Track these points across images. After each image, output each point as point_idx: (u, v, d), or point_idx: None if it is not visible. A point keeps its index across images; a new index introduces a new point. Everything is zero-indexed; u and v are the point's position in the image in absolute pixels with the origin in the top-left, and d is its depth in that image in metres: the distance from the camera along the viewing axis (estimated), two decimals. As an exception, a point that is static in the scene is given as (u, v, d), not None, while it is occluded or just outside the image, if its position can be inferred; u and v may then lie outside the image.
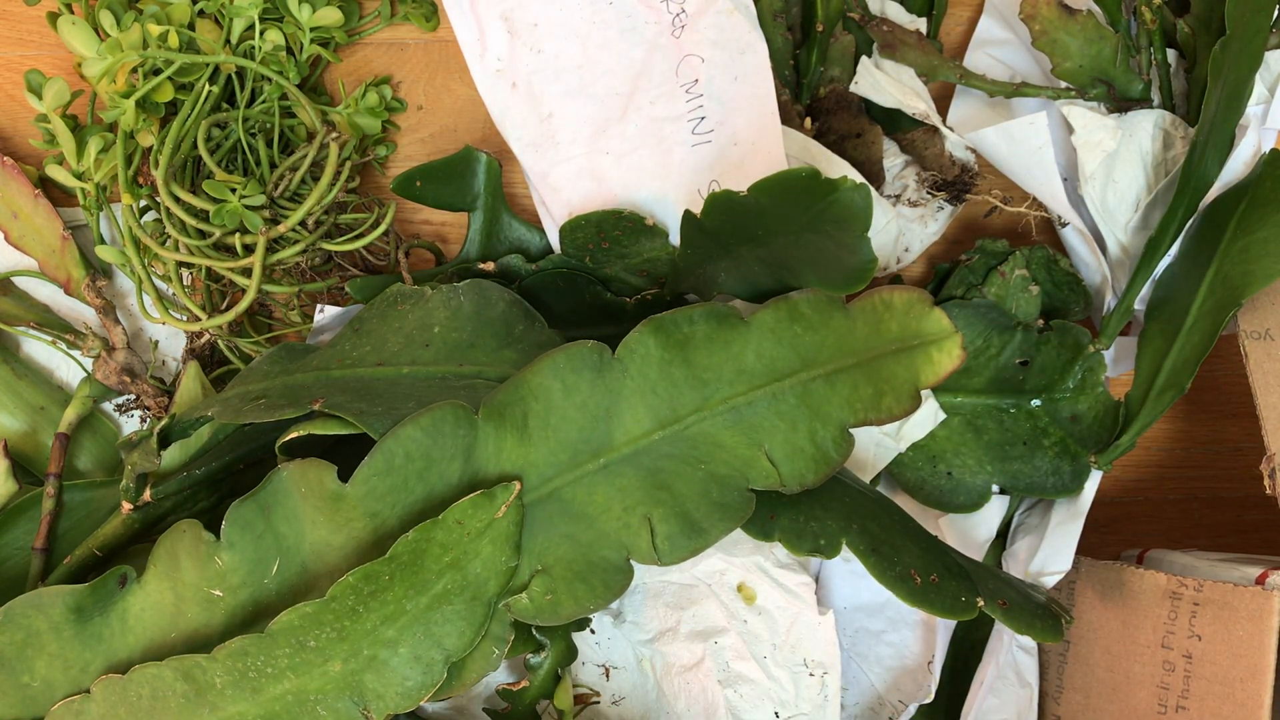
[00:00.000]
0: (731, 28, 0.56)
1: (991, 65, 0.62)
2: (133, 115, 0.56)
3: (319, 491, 0.47)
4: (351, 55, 0.63)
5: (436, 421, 0.47)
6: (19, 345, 0.63)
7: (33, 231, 0.60)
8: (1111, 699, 0.56)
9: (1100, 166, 0.58)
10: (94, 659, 0.49)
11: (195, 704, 0.46)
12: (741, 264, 0.54)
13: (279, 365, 0.53)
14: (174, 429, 0.52)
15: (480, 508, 0.46)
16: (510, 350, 0.53)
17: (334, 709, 0.46)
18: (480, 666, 0.48)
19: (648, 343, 0.49)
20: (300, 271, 0.59)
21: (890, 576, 0.49)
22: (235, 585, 0.48)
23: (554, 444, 0.48)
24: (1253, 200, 0.56)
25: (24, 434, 0.60)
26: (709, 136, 0.57)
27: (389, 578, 0.45)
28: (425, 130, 0.64)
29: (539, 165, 0.58)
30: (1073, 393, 0.59)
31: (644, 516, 0.48)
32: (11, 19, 0.62)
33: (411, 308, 0.53)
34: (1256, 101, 0.57)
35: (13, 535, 0.55)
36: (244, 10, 0.57)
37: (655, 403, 0.49)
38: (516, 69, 0.57)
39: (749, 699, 0.57)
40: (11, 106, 0.63)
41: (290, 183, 0.57)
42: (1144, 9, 0.58)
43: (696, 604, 0.58)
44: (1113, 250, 0.60)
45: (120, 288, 0.63)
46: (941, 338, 0.51)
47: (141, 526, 0.53)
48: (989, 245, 0.62)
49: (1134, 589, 0.55)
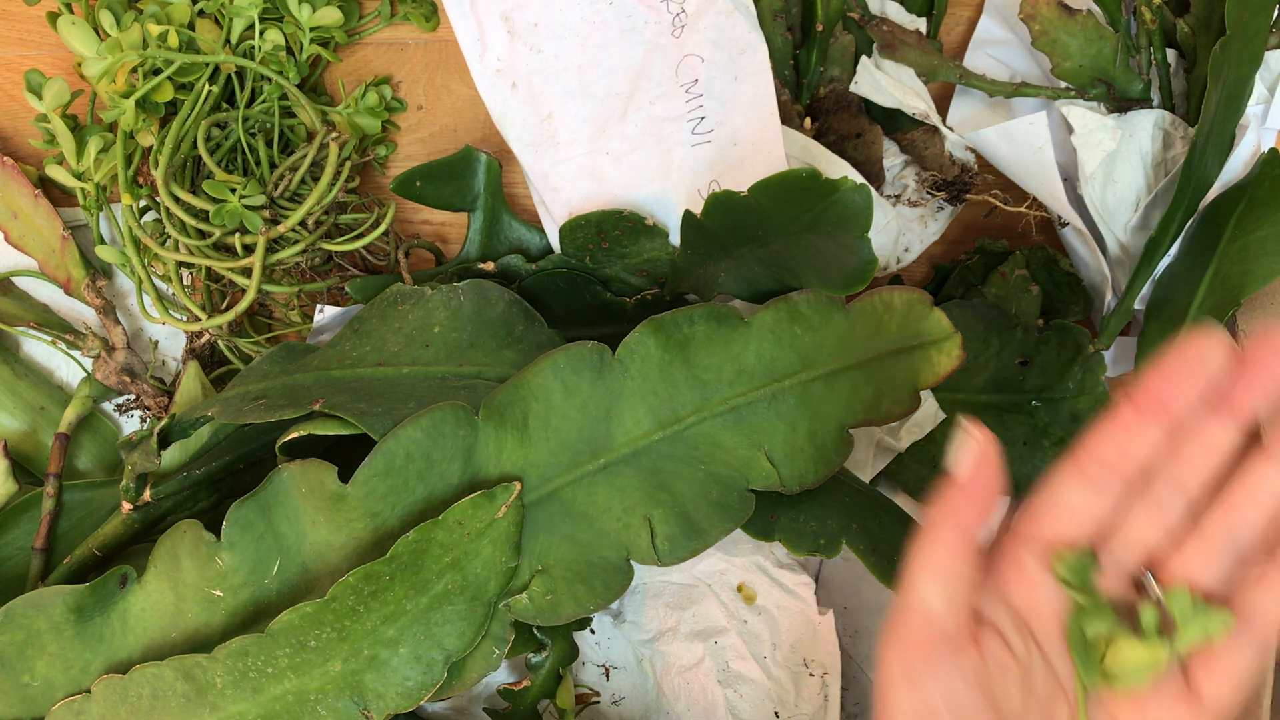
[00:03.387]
0: (731, 28, 0.56)
1: (991, 65, 0.62)
2: (133, 115, 0.56)
3: (319, 492, 0.47)
4: (351, 55, 0.63)
5: (437, 422, 0.47)
6: (19, 345, 0.63)
7: (33, 231, 0.60)
8: (1111, 699, 0.56)
9: (1100, 166, 0.58)
10: (94, 659, 0.49)
11: (196, 704, 0.46)
12: (741, 264, 0.54)
13: (279, 365, 0.53)
14: (174, 429, 0.52)
15: (480, 508, 0.46)
16: (510, 350, 0.53)
17: (334, 709, 0.46)
18: (480, 666, 0.48)
19: (648, 343, 0.49)
20: (300, 271, 0.59)
21: (890, 576, 0.49)
22: (236, 585, 0.48)
23: (554, 444, 0.48)
24: (1252, 200, 0.56)
25: (24, 434, 0.60)
26: (709, 136, 0.57)
27: (389, 578, 0.45)
28: (425, 130, 0.64)
29: (539, 165, 0.58)
30: (1073, 393, 0.59)
31: (644, 517, 0.48)
32: (11, 19, 0.62)
33: (411, 308, 0.53)
34: (1256, 101, 0.57)
35: (13, 535, 0.55)
36: (244, 10, 0.57)
37: (655, 403, 0.49)
38: (516, 69, 0.57)
39: (749, 699, 0.57)
40: (11, 106, 0.63)
41: (290, 183, 0.57)
42: (1144, 9, 0.58)
43: (696, 604, 0.58)
44: (1113, 250, 0.60)
45: (120, 288, 0.63)
46: (941, 338, 0.51)
47: (141, 526, 0.53)
48: (989, 245, 0.62)
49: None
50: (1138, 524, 0.37)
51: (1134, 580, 0.37)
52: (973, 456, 0.36)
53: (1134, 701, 0.36)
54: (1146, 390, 0.36)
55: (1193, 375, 0.35)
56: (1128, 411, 0.36)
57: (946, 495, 0.36)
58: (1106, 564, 0.37)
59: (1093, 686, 0.36)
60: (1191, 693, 0.36)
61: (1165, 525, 0.37)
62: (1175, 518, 0.37)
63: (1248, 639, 0.36)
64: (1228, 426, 0.36)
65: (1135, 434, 0.36)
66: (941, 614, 0.36)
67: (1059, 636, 0.37)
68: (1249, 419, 0.36)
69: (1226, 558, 0.36)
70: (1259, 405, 0.35)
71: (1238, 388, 0.35)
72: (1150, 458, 0.36)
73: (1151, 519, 0.37)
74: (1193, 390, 0.35)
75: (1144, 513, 0.37)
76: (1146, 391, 0.36)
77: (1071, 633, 0.37)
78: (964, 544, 0.36)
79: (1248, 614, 0.36)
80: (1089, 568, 0.37)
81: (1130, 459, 0.36)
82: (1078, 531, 0.37)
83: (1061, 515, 0.37)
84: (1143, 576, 0.37)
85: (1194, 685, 0.36)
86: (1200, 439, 0.36)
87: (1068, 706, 0.37)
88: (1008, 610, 0.37)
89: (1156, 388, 0.36)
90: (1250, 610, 0.36)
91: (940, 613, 0.36)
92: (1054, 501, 0.37)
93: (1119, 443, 0.36)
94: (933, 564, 0.36)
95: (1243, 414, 0.36)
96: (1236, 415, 0.36)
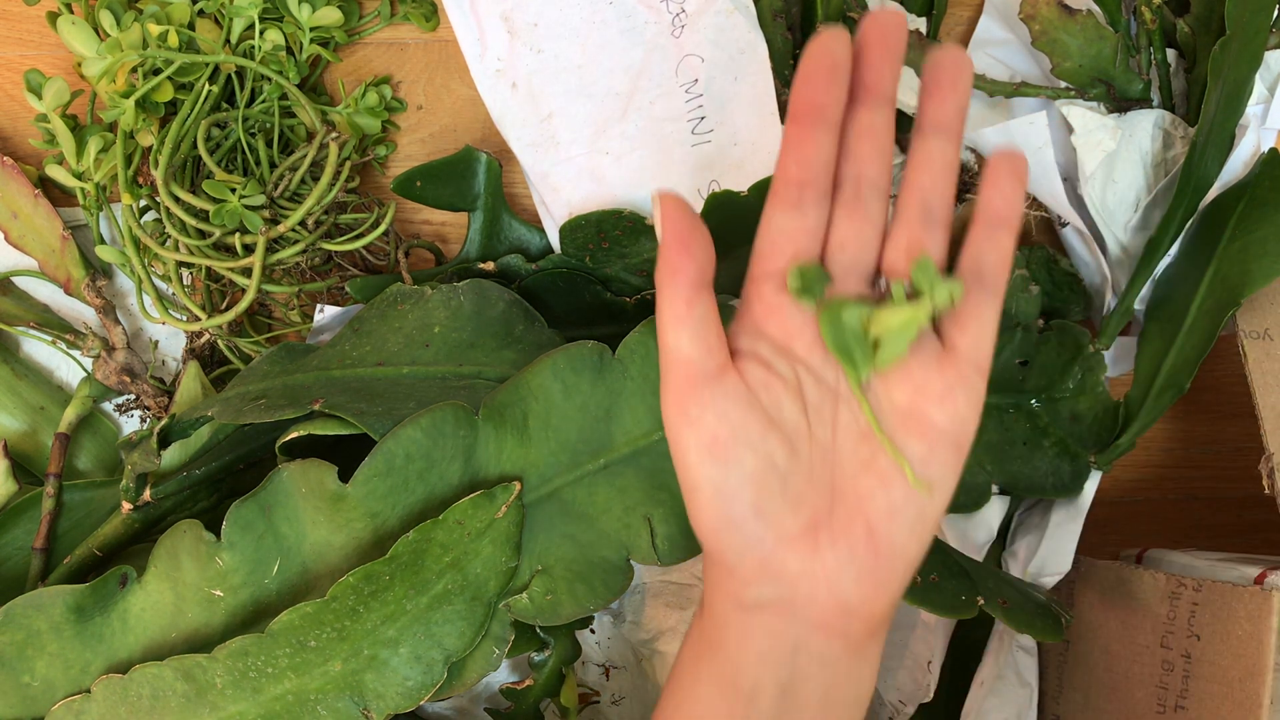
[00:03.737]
0: (731, 28, 0.56)
1: (991, 65, 0.62)
2: (132, 115, 0.56)
3: (320, 492, 0.47)
4: (351, 55, 0.63)
5: (437, 422, 0.47)
6: (19, 345, 0.63)
7: (33, 231, 0.60)
8: (1111, 698, 0.56)
9: (1100, 166, 0.58)
10: (94, 659, 0.49)
11: (196, 704, 0.46)
12: (741, 264, 0.54)
13: (279, 365, 0.53)
14: (174, 429, 0.52)
15: (480, 508, 0.46)
16: (510, 350, 0.53)
17: (334, 709, 0.46)
18: (480, 666, 0.48)
19: (648, 343, 0.49)
20: (300, 271, 0.59)
21: (890, 576, 0.49)
22: (236, 585, 0.48)
23: (554, 444, 0.48)
24: (1251, 200, 0.56)
25: (24, 434, 0.60)
26: (709, 136, 0.57)
27: (389, 578, 0.45)
28: (425, 130, 0.64)
29: (539, 165, 0.58)
30: (1072, 393, 0.59)
31: (644, 517, 0.48)
32: (11, 19, 0.62)
33: (411, 308, 0.53)
34: (1256, 101, 0.57)
35: (13, 535, 0.55)
36: (244, 10, 0.57)
37: (655, 403, 0.49)
38: (516, 69, 0.57)
39: (749, 699, 0.57)
40: (11, 106, 0.63)
41: (290, 183, 0.57)
42: (1144, 9, 0.58)
43: (696, 604, 0.58)
44: (1113, 250, 0.60)
45: (120, 288, 0.63)
46: (941, 338, 0.51)
47: (141, 526, 0.53)
48: (989, 245, 0.62)
49: (1133, 589, 0.55)
50: (844, 226, 0.40)
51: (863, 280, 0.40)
52: (665, 215, 0.38)
53: (902, 373, 0.39)
54: (797, 100, 0.38)
55: (824, 72, 0.37)
56: (791, 128, 0.38)
57: (660, 256, 0.39)
58: (835, 271, 0.40)
59: (863, 377, 0.39)
60: (948, 350, 0.39)
61: (867, 217, 0.40)
62: (873, 208, 0.40)
63: (986, 290, 0.39)
64: (877, 109, 0.39)
65: (805, 145, 0.38)
66: (697, 356, 0.39)
67: (819, 348, 0.39)
68: (890, 94, 0.39)
69: (928, 227, 0.39)
70: (890, 80, 0.38)
71: (866, 71, 0.38)
72: (830, 165, 0.39)
73: (853, 217, 0.40)
74: (834, 88, 0.38)
75: (844, 214, 0.40)
76: (797, 101, 0.38)
77: (827, 334, 0.39)
78: (694, 288, 0.39)
79: (977, 268, 0.39)
80: (820, 277, 0.39)
81: (812, 170, 0.39)
82: (799, 251, 0.39)
83: (779, 242, 0.39)
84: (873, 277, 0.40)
85: (949, 343, 0.39)
86: (859, 129, 0.39)
87: (847, 407, 0.40)
88: (767, 342, 0.40)
89: (803, 94, 0.38)
90: (978, 265, 0.39)
91: (695, 355, 0.39)
92: (769, 233, 0.40)
93: (796, 158, 0.39)
94: (673, 314, 0.39)
95: (883, 92, 0.38)
96: (879, 95, 0.38)
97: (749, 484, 0.38)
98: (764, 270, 0.40)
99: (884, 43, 0.38)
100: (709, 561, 0.41)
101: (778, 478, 0.39)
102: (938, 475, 0.39)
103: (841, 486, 0.39)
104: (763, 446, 0.38)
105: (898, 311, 0.38)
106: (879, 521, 0.39)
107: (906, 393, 0.39)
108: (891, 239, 0.40)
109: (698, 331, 0.39)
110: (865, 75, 0.38)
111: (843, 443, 0.40)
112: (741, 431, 0.38)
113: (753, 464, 0.38)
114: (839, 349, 0.39)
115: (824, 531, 0.39)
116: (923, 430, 0.39)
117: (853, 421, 0.40)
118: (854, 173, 0.39)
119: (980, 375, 0.39)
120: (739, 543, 0.39)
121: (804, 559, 0.39)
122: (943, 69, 0.38)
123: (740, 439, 0.38)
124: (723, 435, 0.38)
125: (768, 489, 0.38)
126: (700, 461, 0.38)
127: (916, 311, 0.37)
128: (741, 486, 0.38)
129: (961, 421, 0.39)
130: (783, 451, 0.39)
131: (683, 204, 0.39)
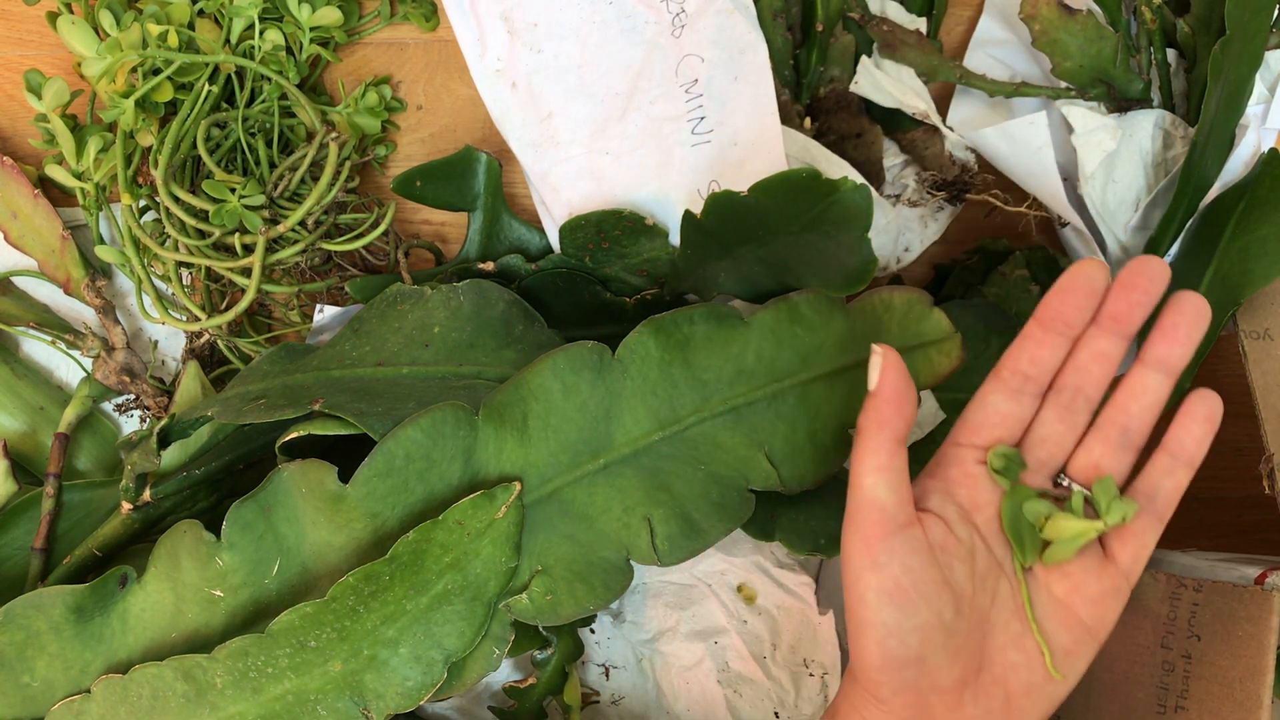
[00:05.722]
0: (731, 28, 0.56)
1: (991, 65, 0.62)
2: (132, 115, 0.56)
3: (319, 492, 0.47)
4: (351, 55, 0.63)
5: (436, 422, 0.47)
6: (19, 345, 0.63)
7: (32, 231, 0.60)
8: (1111, 699, 0.56)
9: (1100, 166, 0.58)
10: (94, 659, 0.49)
11: (195, 704, 0.46)
12: (741, 264, 0.54)
13: (279, 365, 0.53)
14: (174, 429, 0.52)
15: (480, 508, 0.46)
16: (510, 350, 0.53)
17: (334, 709, 0.46)
18: (480, 666, 0.48)
19: (647, 343, 0.49)
20: (300, 271, 0.59)
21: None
22: (236, 585, 0.48)
23: (554, 445, 0.48)
24: (1252, 200, 0.56)
25: (24, 434, 0.60)
26: (709, 136, 0.57)
27: (389, 578, 0.45)
28: (425, 130, 0.64)
29: (539, 165, 0.58)
30: (1072, 393, 0.59)
31: (644, 517, 0.48)
32: (11, 19, 0.62)
33: (411, 308, 0.53)
34: (1256, 101, 0.57)
35: (13, 535, 0.55)
36: (244, 10, 0.57)
37: (655, 403, 0.49)
38: (516, 69, 0.57)
39: (749, 699, 0.57)
40: (11, 106, 0.63)
41: (290, 183, 0.57)
42: (1144, 9, 0.58)
43: (696, 604, 0.58)
44: (1113, 250, 0.60)
45: (120, 288, 0.63)
46: (941, 339, 0.51)
47: (141, 526, 0.53)
48: (989, 245, 0.62)
49: (1134, 589, 0.55)
50: (1050, 424, 0.44)
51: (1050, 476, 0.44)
52: (884, 370, 0.42)
53: (1062, 571, 0.43)
54: (1047, 308, 0.43)
55: (1081, 293, 0.42)
56: (1034, 328, 0.43)
57: (872, 405, 0.43)
58: (1029, 460, 0.44)
59: (1028, 563, 0.43)
60: (1108, 559, 0.43)
61: (1072, 424, 0.44)
62: (1080, 418, 0.44)
63: (1155, 516, 0.43)
64: (1114, 339, 0.42)
65: (1042, 346, 0.43)
66: (891, 504, 0.42)
67: (997, 525, 0.44)
68: (1130, 333, 0.42)
69: (1122, 449, 0.43)
70: (1136, 320, 0.42)
71: (1118, 305, 0.42)
72: (1056, 368, 0.44)
73: (1061, 421, 0.44)
74: (1084, 308, 0.42)
75: (1055, 415, 0.44)
76: (1047, 309, 0.43)
77: (1007, 516, 0.43)
78: (897, 442, 0.42)
79: (1150, 493, 0.43)
80: (1019, 464, 0.43)
81: (1040, 369, 0.43)
82: (1005, 434, 0.44)
83: (991, 420, 0.44)
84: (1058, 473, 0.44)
85: (1110, 553, 0.43)
86: (1093, 350, 0.43)
87: (1008, 583, 0.43)
88: (954, 506, 0.44)
89: (1055, 305, 0.43)
90: (1153, 491, 0.43)
91: (889, 502, 0.42)
92: (982, 409, 0.44)
93: (1030, 355, 0.43)
94: (874, 463, 0.42)
95: (1125, 328, 0.42)
96: (1120, 329, 0.42)
97: (918, 633, 0.41)
98: (970, 440, 0.44)
99: (1146, 288, 0.41)
100: (855, 684, 0.44)
101: (944, 632, 0.41)
102: (1074, 668, 0.43)
103: (991, 654, 0.43)
104: (936, 601, 0.41)
105: (1075, 523, 0.42)
106: (1017, 695, 0.43)
107: (1064, 588, 0.43)
108: (1085, 446, 0.44)
109: (895, 483, 0.42)
110: (1117, 307, 0.42)
111: (997, 615, 0.43)
112: (921, 584, 0.41)
113: (925, 616, 0.41)
114: (1014, 533, 0.43)
115: (969, 690, 0.42)
116: (1070, 625, 0.43)
117: (1010, 597, 0.43)
118: (1075, 383, 0.43)
119: (1130, 586, 0.43)
120: (897, 683, 0.42)
121: (949, 711, 0.42)
122: (1184, 314, 0.42)
123: (919, 590, 0.41)
124: (905, 584, 0.41)
125: (933, 641, 0.41)
126: (880, 605, 0.41)
127: (1090, 529, 0.42)
128: (912, 634, 0.41)
129: (1106, 625, 0.43)
130: (951, 610, 0.42)
131: (901, 363, 0.43)
